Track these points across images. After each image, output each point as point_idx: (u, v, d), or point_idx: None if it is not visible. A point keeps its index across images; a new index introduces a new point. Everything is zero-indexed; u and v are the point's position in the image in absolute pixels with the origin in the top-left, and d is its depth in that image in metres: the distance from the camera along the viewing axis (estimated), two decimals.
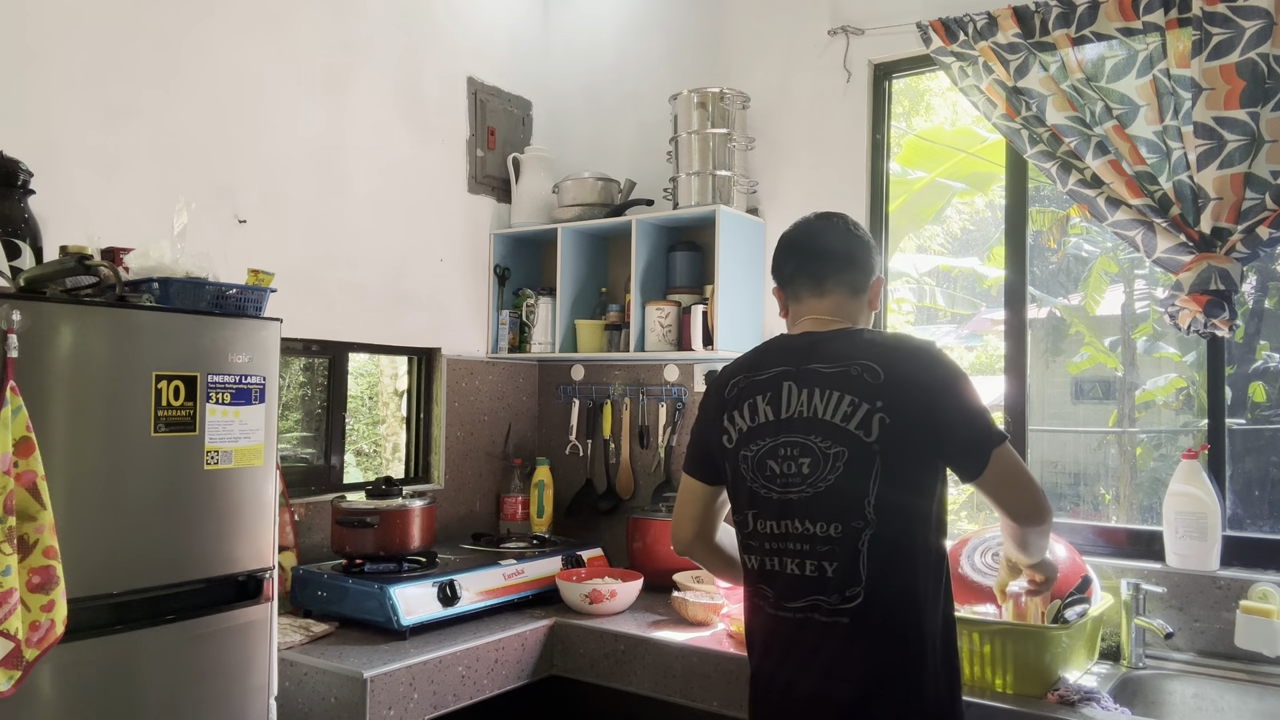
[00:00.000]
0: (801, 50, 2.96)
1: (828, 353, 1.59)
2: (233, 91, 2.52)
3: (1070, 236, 7.07)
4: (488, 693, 2.31)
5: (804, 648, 1.55)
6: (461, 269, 3.22)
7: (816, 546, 1.53)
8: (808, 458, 1.55)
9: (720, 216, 2.79)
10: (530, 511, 3.22)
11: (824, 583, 1.53)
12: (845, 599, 1.51)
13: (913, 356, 1.56)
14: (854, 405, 1.52)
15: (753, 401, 1.63)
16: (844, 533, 1.51)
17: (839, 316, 1.67)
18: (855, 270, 1.70)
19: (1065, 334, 7.13)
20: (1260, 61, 2.08)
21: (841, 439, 1.52)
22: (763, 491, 1.61)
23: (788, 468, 1.57)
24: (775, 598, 1.59)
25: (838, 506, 1.52)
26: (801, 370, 1.59)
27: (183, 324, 1.78)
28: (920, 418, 1.51)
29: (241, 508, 1.87)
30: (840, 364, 1.56)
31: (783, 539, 1.57)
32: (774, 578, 1.59)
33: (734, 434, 1.66)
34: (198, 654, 1.78)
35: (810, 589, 1.54)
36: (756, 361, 1.69)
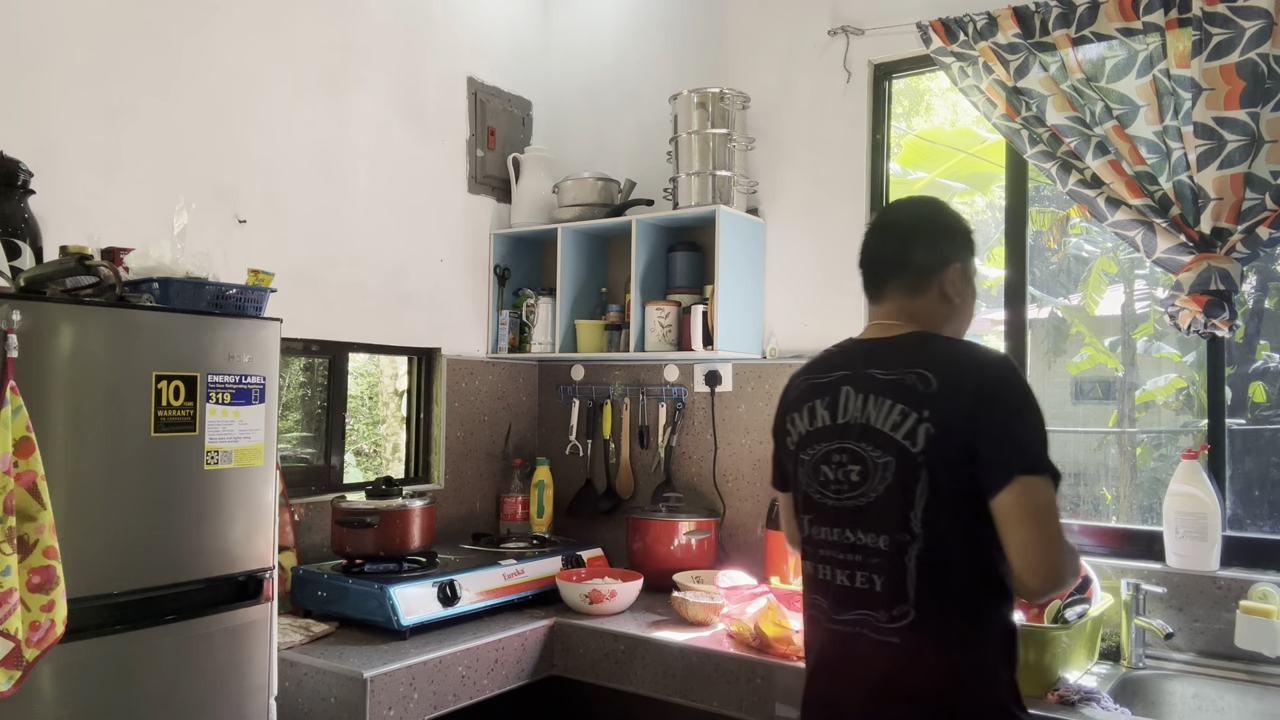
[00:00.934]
0: (801, 50, 2.96)
1: (886, 358, 1.53)
2: (233, 91, 2.52)
3: (1070, 236, 7.07)
4: (488, 693, 2.31)
5: (856, 665, 1.50)
6: (461, 269, 3.22)
7: (868, 558, 1.49)
8: (858, 465, 1.51)
9: (720, 216, 2.79)
10: (530, 511, 3.22)
11: (873, 597, 1.48)
12: (893, 617, 1.45)
13: (968, 366, 1.47)
14: (903, 414, 1.46)
15: (812, 405, 1.60)
16: (891, 546, 1.46)
17: (901, 319, 1.59)
18: (909, 271, 1.60)
19: (1066, 334, 7.13)
20: (1260, 61, 2.08)
21: (890, 448, 1.47)
22: (817, 497, 1.58)
23: (840, 474, 1.53)
24: (828, 609, 1.55)
25: (885, 518, 1.47)
26: (859, 375, 1.55)
27: (183, 324, 1.78)
28: (963, 428, 1.42)
29: (241, 508, 1.87)
30: (896, 371, 1.50)
31: (835, 547, 1.54)
32: (826, 588, 1.56)
33: (795, 436, 1.63)
34: (198, 654, 1.78)
35: (859, 602, 1.49)
36: (822, 363, 1.65)
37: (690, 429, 3.14)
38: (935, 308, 1.60)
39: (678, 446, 3.16)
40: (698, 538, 2.86)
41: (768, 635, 2.17)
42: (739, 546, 2.98)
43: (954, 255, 1.60)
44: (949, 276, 1.59)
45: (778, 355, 2.96)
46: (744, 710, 2.18)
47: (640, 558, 2.87)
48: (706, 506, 3.05)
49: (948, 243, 1.61)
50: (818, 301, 2.91)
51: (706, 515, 2.94)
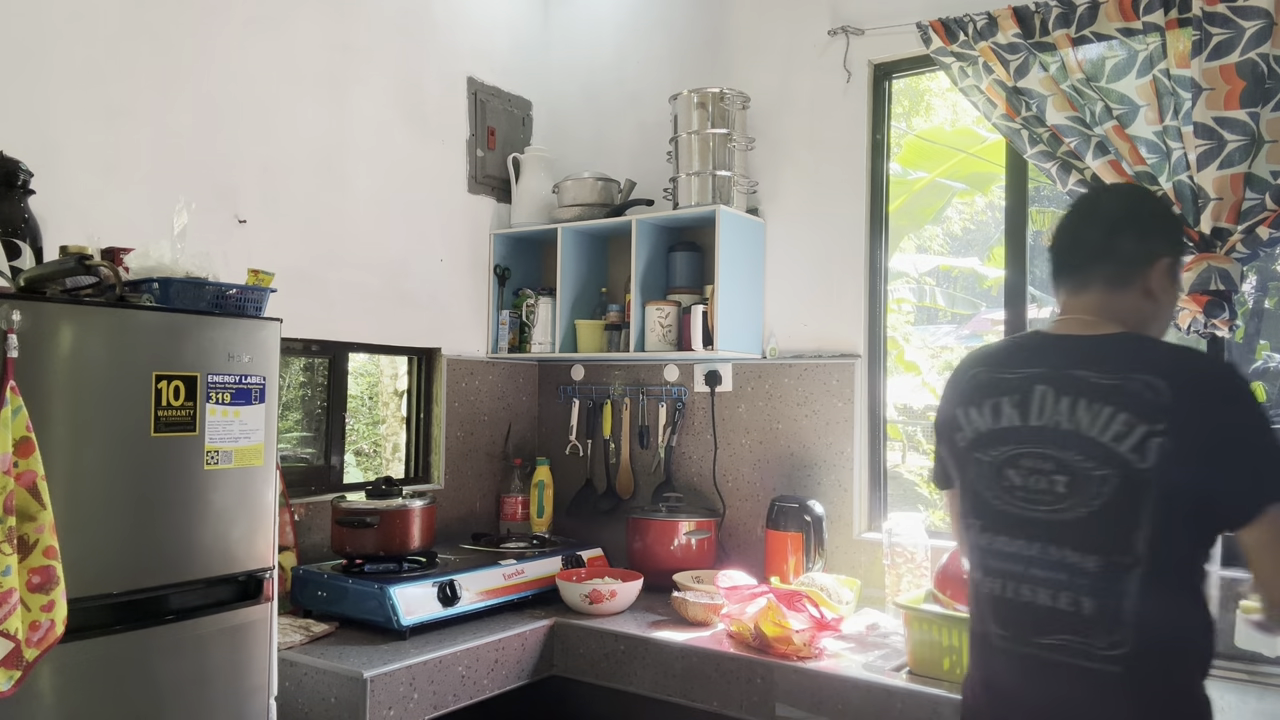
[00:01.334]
0: (801, 50, 2.96)
1: (1100, 360, 1.39)
2: (233, 91, 2.52)
3: None
4: (488, 693, 2.31)
5: (1044, 693, 1.38)
6: (461, 269, 3.22)
7: (1074, 578, 1.35)
8: (1064, 476, 1.36)
9: (720, 216, 2.79)
10: (530, 511, 3.22)
11: (1080, 620, 1.34)
12: (1112, 644, 1.32)
13: (1208, 376, 1.35)
14: (1129, 425, 1.31)
15: (996, 402, 1.46)
16: (1106, 567, 1.32)
17: (1103, 316, 1.45)
18: (1113, 261, 1.46)
19: None
20: (1260, 61, 2.08)
21: (1110, 461, 1.32)
22: (997, 503, 1.44)
23: (1034, 482, 1.40)
24: (1010, 628, 1.42)
25: (1100, 536, 1.33)
26: (1063, 375, 1.40)
27: (183, 324, 1.78)
28: (1205, 446, 1.29)
29: (241, 508, 1.87)
30: (1116, 375, 1.35)
31: (1025, 562, 1.40)
32: (1006, 605, 1.42)
33: (969, 433, 1.50)
34: (198, 654, 1.78)
35: (1061, 625, 1.36)
36: (1004, 356, 1.51)
37: (690, 429, 3.14)
38: (1138, 305, 1.46)
39: (678, 446, 3.16)
40: (698, 538, 2.86)
41: (768, 635, 2.17)
42: (739, 546, 2.98)
43: (1163, 249, 1.46)
44: (1156, 272, 1.45)
45: (778, 355, 2.96)
46: (744, 710, 2.17)
47: (640, 558, 2.87)
48: (706, 506, 3.05)
49: (1158, 235, 1.48)
50: (818, 301, 2.90)
51: (706, 515, 2.94)
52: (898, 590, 2.52)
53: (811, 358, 2.90)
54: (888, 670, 2.08)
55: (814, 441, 2.88)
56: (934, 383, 7.28)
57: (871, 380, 2.85)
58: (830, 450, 2.85)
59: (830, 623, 2.23)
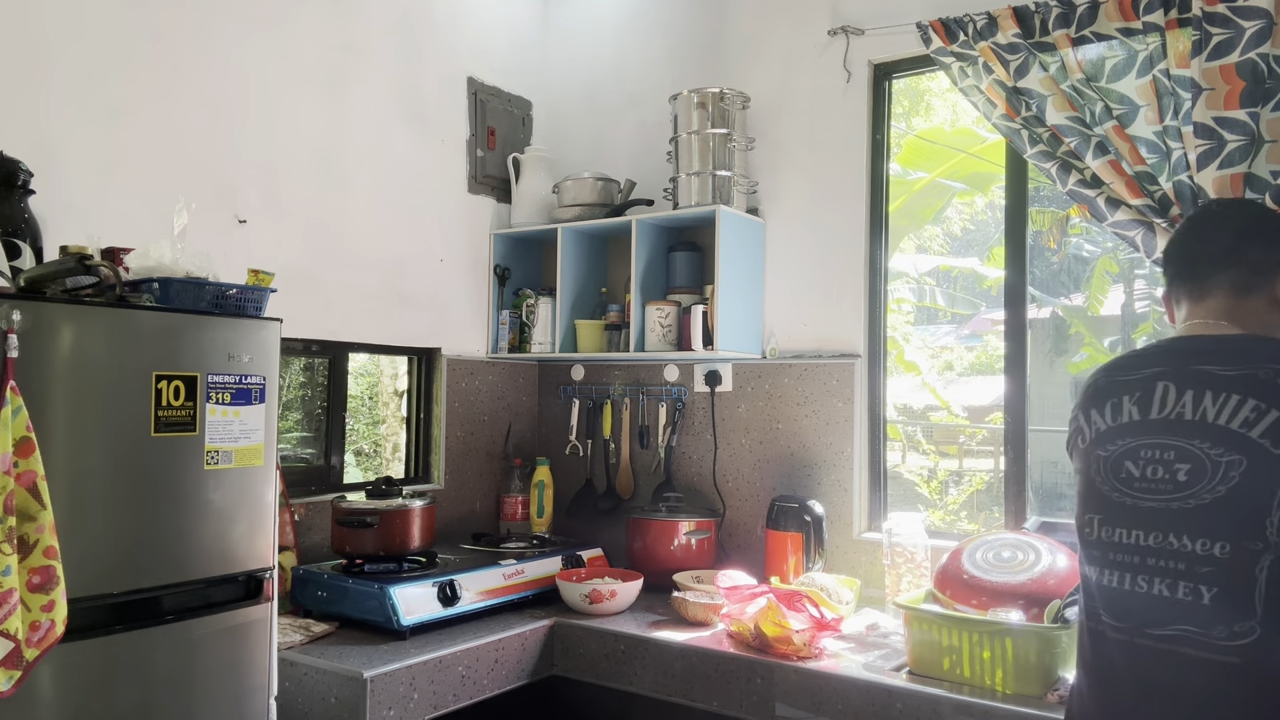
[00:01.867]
0: (801, 50, 2.96)
1: (1226, 355, 1.40)
2: (233, 91, 2.52)
3: (1070, 236, 7.07)
4: (488, 693, 2.31)
5: (1166, 684, 1.36)
6: (461, 269, 3.22)
7: (1194, 566, 1.34)
8: (1187, 464, 1.37)
9: (720, 216, 2.79)
10: (530, 511, 3.22)
11: (1199, 610, 1.33)
12: (1234, 634, 1.30)
13: None
14: (1258, 411, 1.32)
15: (1116, 400, 1.48)
16: (1233, 554, 1.31)
17: (1227, 320, 1.46)
18: (1241, 267, 1.47)
19: (1066, 334, 7.14)
20: (1260, 61, 2.08)
21: (1240, 446, 1.33)
22: (1114, 495, 1.45)
23: (1152, 471, 1.41)
24: (1125, 619, 1.42)
25: (1228, 523, 1.33)
26: (1186, 371, 1.42)
27: (183, 324, 1.78)
28: None
29: (241, 508, 1.87)
30: (1244, 366, 1.37)
31: (1141, 552, 1.40)
32: (1123, 596, 1.42)
33: (1090, 433, 1.52)
34: (198, 654, 1.78)
35: (1179, 615, 1.35)
36: (1125, 361, 1.54)
37: (690, 429, 3.14)
38: (1264, 312, 1.47)
39: (678, 446, 3.16)
40: (698, 538, 2.86)
41: (768, 635, 2.17)
42: (739, 546, 2.98)
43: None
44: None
45: (778, 355, 2.96)
46: (744, 710, 2.18)
47: (640, 558, 2.87)
48: (706, 506, 3.05)
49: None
50: (818, 301, 2.91)
51: (706, 515, 2.94)
52: (898, 590, 2.52)
53: (811, 358, 2.90)
54: (888, 670, 2.08)
55: (814, 441, 2.88)
56: (934, 382, 7.29)
57: (871, 380, 2.85)
58: (830, 450, 2.85)
59: (830, 623, 2.23)
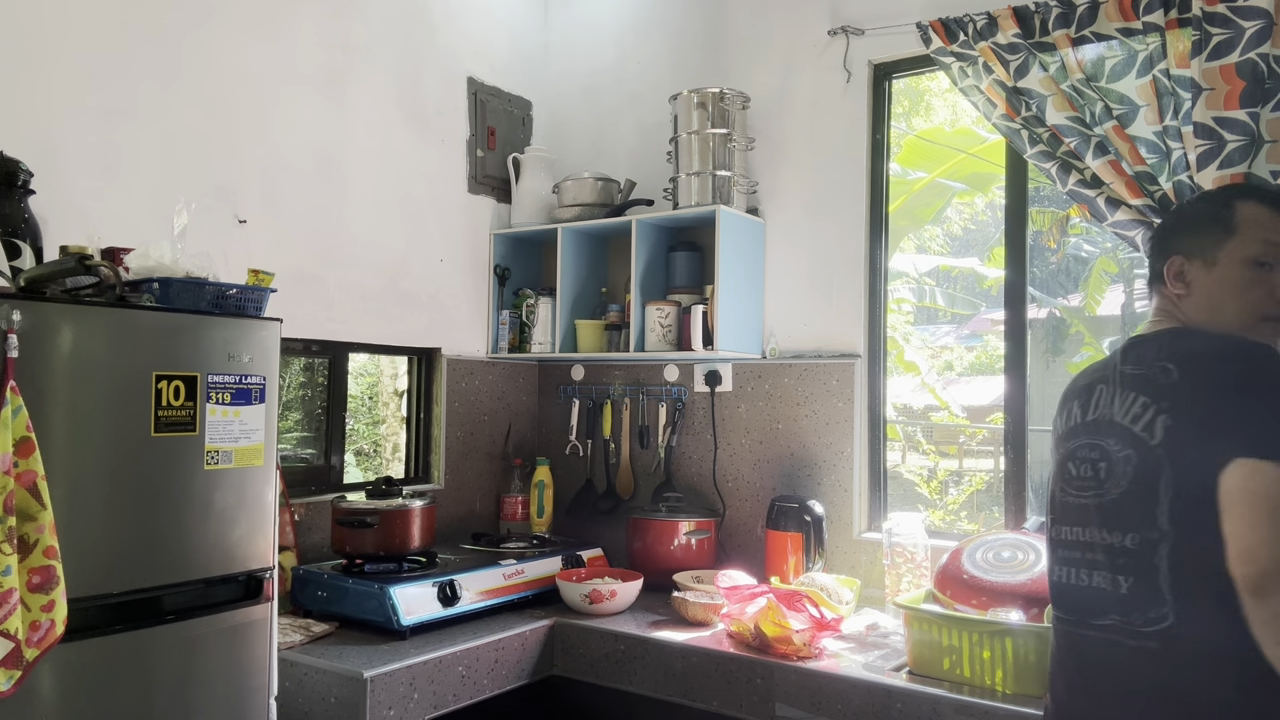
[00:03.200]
0: (801, 50, 2.96)
1: (1141, 354, 1.47)
2: (233, 91, 2.52)
3: (1070, 236, 7.08)
4: (488, 693, 2.31)
5: (1107, 673, 1.41)
6: (461, 269, 3.22)
7: (1114, 558, 1.41)
8: (1104, 462, 1.45)
9: (720, 216, 2.79)
10: (530, 511, 3.22)
11: (1120, 599, 1.39)
12: (1150, 620, 1.35)
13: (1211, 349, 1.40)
14: (1144, 407, 1.40)
15: (1071, 405, 1.56)
16: (1140, 544, 1.37)
17: (1160, 317, 1.54)
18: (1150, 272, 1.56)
19: (1065, 334, 7.14)
20: (1260, 62, 2.08)
21: (1131, 442, 1.41)
22: (1060, 494, 1.53)
23: (1084, 470, 1.49)
24: (1072, 612, 1.48)
25: (1131, 515, 1.39)
26: (1114, 372, 1.49)
27: (183, 324, 1.78)
28: (1201, 418, 1.34)
29: (241, 508, 1.87)
30: (1145, 366, 1.44)
31: (1081, 548, 1.47)
32: (1068, 590, 1.49)
33: (1053, 439, 1.61)
34: (198, 654, 1.78)
35: (1109, 606, 1.41)
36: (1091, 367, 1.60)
37: (690, 429, 3.14)
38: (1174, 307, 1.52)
39: (678, 446, 3.16)
40: (698, 538, 2.86)
41: (768, 635, 2.17)
42: (739, 546, 2.98)
43: (1175, 246, 1.52)
44: (1168, 272, 1.52)
45: (778, 355, 2.96)
46: (744, 710, 2.18)
47: (640, 558, 2.87)
48: (706, 506, 3.05)
49: (1171, 234, 1.55)
50: (818, 301, 2.91)
51: (706, 515, 2.94)
52: (897, 590, 2.52)
53: (811, 358, 2.90)
54: (888, 670, 2.08)
55: (814, 441, 2.88)
56: (934, 382, 7.29)
57: (871, 380, 2.85)
58: (830, 450, 2.85)
59: (830, 623, 2.23)
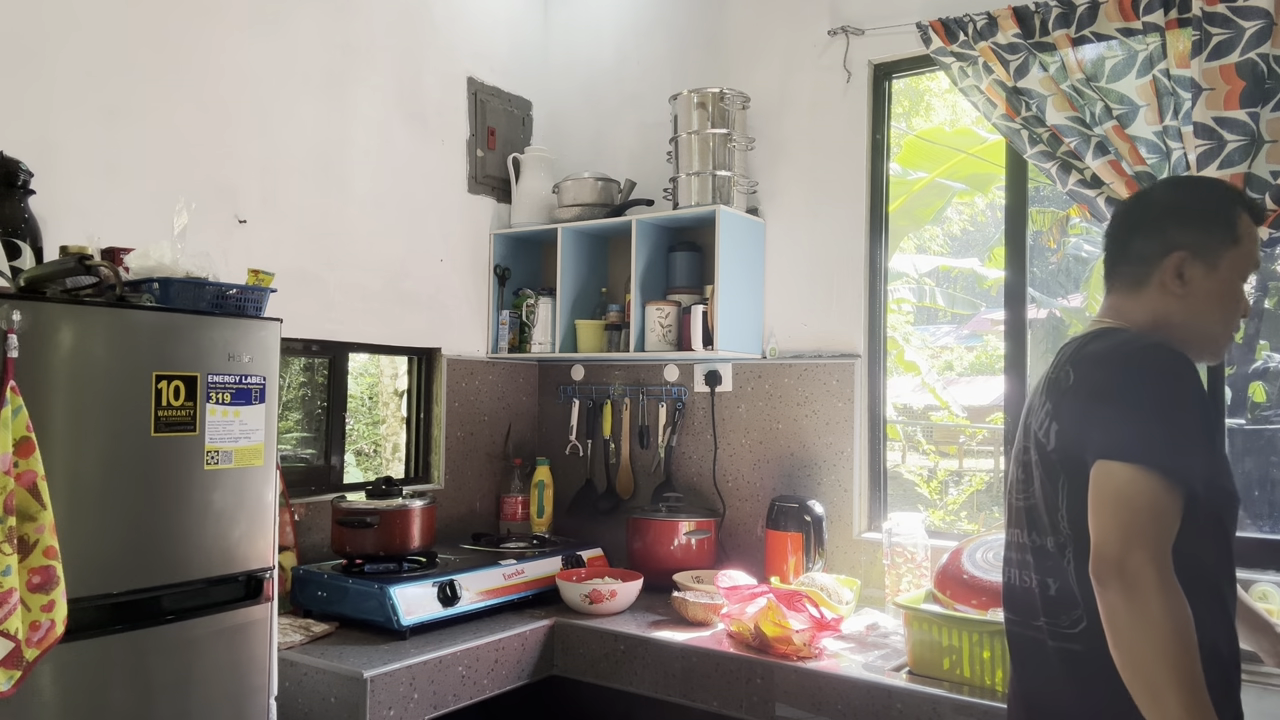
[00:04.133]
0: (801, 50, 2.96)
1: (1058, 357, 1.44)
2: (233, 91, 2.52)
3: (1070, 236, 7.07)
4: (488, 693, 2.31)
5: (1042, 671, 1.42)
6: (461, 269, 3.22)
7: (1040, 560, 1.42)
8: (1026, 466, 1.46)
9: (720, 216, 2.79)
10: (530, 511, 3.22)
11: (1048, 601, 1.40)
12: (1073, 621, 1.36)
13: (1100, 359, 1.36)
14: (1048, 414, 1.40)
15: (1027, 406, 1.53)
16: (1054, 547, 1.39)
17: (1110, 315, 1.47)
18: (1130, 262, 1.45)
19: (1064, 334, 7.14)
20: (1260, 62, 2.08)
21: (1037, 447, 1.42)
22: (1006, 496, 1.56)
23: (1017, 473, 1.49)
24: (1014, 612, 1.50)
25: (1043, 519, 1.41)
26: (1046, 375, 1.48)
27: (183, 324, 1.78)
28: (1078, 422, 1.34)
29: (241, 508, 1.87)
30: (1056, 369, 1.42)
31: (1019, 549, 1.48)
32: (1010, 591, 1.51)
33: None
34: (198, 654, 1.78)
35: (1039, 607, 1.42)
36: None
37: (690, 429, 3.14)
38: (1158, 304, 1.42)
39: (678, 446, 3.16)
40: (698, 538, 2.86)
41: (768, 635, 2.17)
42: (739, 546, 2.98)
43: (1179, 243, 1.40)
44: (1168, 267, 1.40)
45: (778, 355, 2.96)
46: (744, 710, 2.18)
47: (640, 558, 2.87)
48: (706, 506, 3.05)
49: (1172, 227, 1.41)
50: (818, 301, 2.91)
51: (706, 515, 2.94)
52: (897, 590, 2.52)
53: (811, 358, 2.90)
54: (888, 670, 2.09)
55: (814, 441, 2.88)
56: (934, 382, 7.28)
57: (871, 380, 2.85)
58: (830, 450, 2.85)
59: (830, 623, 2.23)
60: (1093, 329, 1.47)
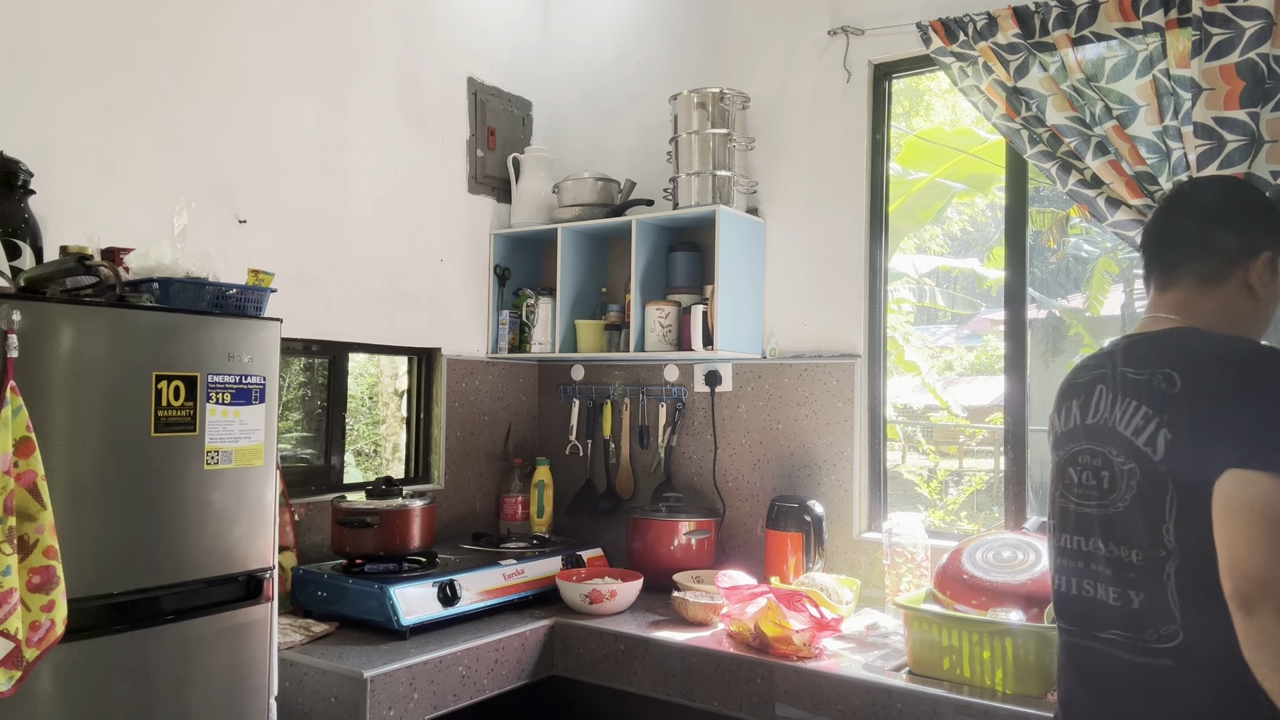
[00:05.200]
0: (801, 50, 2.96)
1: (1141, 356, 1.39)
2: (233, 91, 2.52)
3: (1070, 236, 7.08)
4: (488, 693, 2.31)
5: (1116, 687, 1.37)
6: (461, 269, 3.22)
7: (1121, 572, 1.36)
8: (1107, 472, 1.39)
9: (720, 216, 2.79)
10: (530, 511, 3.22)
11: (1129, 614, 1.35)
12: (1162, 637, 1.31)
13: (1214, 361, 1.31)
14: (1146, 419, 1.34)
15: (1069, 405, 1.50)
16: (1147, 560, 1.33)
17: (1179, 314, 1.43)
18: (1208, 255, 1.41)
19: (1064, 334, 7.14)
20: (1260, 62, 2.08)
21: (1134, 455, 1.35)
22: (1061, 500, 1.48)
23: (1086, 478, 1.43)
24: (1076, 623, 1.44)
25: (1137, 530, 1.34)
26: (1114, 373, 1.42)
27: (183, 324, 1.78)
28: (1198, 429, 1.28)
29: (241, 508, 1.87)
30: (1146, 370, 1.36)
31: (1084, 558, 1.42)
32: (1072, 601, 1.45)
33: (1051, 437, 1.55)
34: (198, 654, 1.78)
35: (1114, 620, 1.37)
36: (1087, 362, 1.52)
37: (690, 429, 3.14)
38: (1234, 302, 1.41)
39: (678, 446, 3.16)
40: (698, 538, 2.86)
41: (768, 635, 2.17)
42: (739, 546, 2.98)
43: (1266, 242, 1.40)
44: (1257, 266, 1.40)
45: (778, 355, 2.96)
46: (744, 710, 2.18)
47: (640, 558, 2.87)
48: (706, 506, 3.05)
49: (1260, 226, 1.41)
50: (818, 301, 2.91)
51: (706, 515, 2.94)
52: (897, 590, 2.52)
53: (811, 358, 2.90)
54: (888, 670, 2.09)
55: (814, 441, 2.88)
56: (934, 382, 7.29)
57: (871, 380, 2.85)
58: (830, 450, 2.85)
59: (830, 623, 2.23)
60: (1163, 328, 1.42)
